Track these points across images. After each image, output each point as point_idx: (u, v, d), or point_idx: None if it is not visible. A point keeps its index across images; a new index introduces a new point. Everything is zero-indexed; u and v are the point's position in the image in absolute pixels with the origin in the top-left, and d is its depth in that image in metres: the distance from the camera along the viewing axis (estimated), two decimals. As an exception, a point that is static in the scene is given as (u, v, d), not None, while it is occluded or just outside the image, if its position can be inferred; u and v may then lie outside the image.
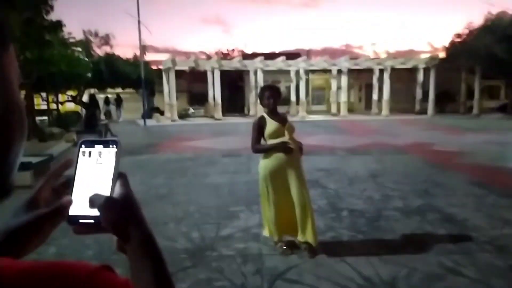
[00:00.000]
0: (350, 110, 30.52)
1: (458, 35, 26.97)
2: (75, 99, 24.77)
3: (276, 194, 3.85)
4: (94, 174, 0.59)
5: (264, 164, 3.88)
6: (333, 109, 29.34)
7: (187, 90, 37.11)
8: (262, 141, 3.93)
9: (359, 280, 3.38)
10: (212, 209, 5.57)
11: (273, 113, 3.91)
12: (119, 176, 0.60)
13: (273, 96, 3.86)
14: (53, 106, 23.48)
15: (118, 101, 29.88)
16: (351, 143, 13.03)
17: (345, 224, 4.86)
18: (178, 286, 3.31)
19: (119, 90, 29.03)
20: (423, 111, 28.62)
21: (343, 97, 28.70)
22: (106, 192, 0.58)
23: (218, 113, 27.16)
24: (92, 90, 29.41)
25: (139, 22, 22.27)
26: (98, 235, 0.60)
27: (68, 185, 0.61)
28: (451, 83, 30.13)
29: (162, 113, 28.38)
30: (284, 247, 3.96)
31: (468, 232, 4.47)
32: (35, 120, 16.52)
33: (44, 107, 22.46)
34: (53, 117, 21.37)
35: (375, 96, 29.49)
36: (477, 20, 26.80)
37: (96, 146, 0.60)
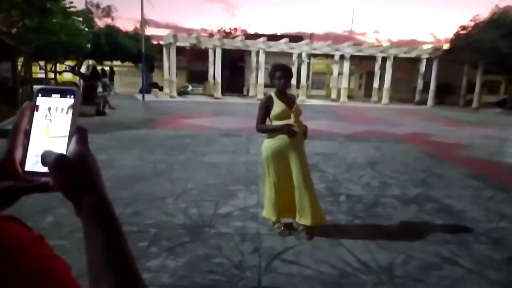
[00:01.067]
0: (350, 96, 30.46)
1: (464, 27, 26.76)
2: (74, 70, 24.47)
3: (277, 176, 3.83)
4: (51, 127, 0.53)
5: (267, 145, 3.84)
6: (333, 94, 29.26)
7: (186, 67, 36.82)
8: (268, 122, 3.89)
9: (356, 264, 3.40)
10: (211, 187, 5.56)
11: (282, 94, 3.81)
12: (77, 131, 0.52)
13: (285, 76, 3.75)
14: (51, 75, 23.18)
15: (111, 73, 29.55)
16: (350, 130, 13.02)
17: (342, 209, 4.88)
18: (176, 260, 3.33)
19: (117, 63, 28.69)
20: (423, 102, 28.66)
21: (344, 83, 28.60)
22: (62, 149, 0.51)
23: (218, 92, 26.99)
24: (90, 62, 29.07)
25: (142, -6, 21.81)
26: None
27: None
28: (453, 75, 30.10)
29: (160, 89, 28.16)
30: (282, 228, 3.98)
31: (465, 224, 4.51)
32: (32, 89, 16.33)
33: (42, 75, 22.17)
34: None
35: (375, 84, 29.38)
36: (484, 13, 26.58)
37: (53, 95, 0.53)
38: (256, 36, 30.06)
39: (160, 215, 4.38)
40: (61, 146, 0.51)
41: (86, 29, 19.26)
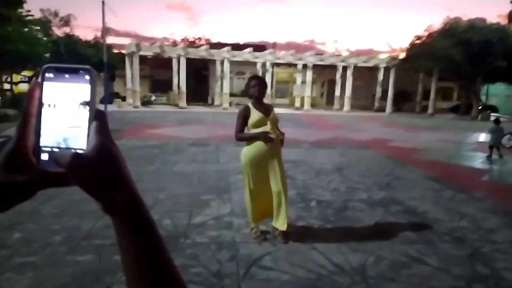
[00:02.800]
0: (313, 105, 31.10)
1: (418, 37, 28.11)
2: (31, 80, 23.53)
3: (254, 182, 3.92)
4: (65, 115, 0.44)
5: (245, 152, 3.94)
6: (297, 103, 29.77)
7: (149, 76, 36.30)
8: (246, 130, 3.99)
9: (330, 266, 3.52)
10: (183, 197, 5.56)
11: (259, 103, 3.95)
12: (96, 117, 0.44)
13: (260, 86, 3.89)
14: (6, 86, 22.20)
15: None
16: (315, 137, 13.33)
17: (314, 214, 5.02)
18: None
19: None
20: (382, 109, 29.74)
21: (307, 92, 29.21)
22: (81, 141, 0.44)
23: (183, 101, 26.80)
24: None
25: (103, 2, 21.39)
26: (66, 221, 0.45)
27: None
28: (409, 83, 31.50)
29: (123, 99, 27.59)
30: (258, 233, 4.06)
31: (429, 224, 4.76)
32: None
33: (-4, 86, 21.19)
34: (7, 98, 20.24)
35: (337, 92, 30.22)
36: (437, 24, 28.12)
37: (64, 76, 0.45)
38: (220, 45, 30.14)
39: (134, 227, 4.32)
40: (80, 137, 0.44)
41: (44, 38, 18.66)
